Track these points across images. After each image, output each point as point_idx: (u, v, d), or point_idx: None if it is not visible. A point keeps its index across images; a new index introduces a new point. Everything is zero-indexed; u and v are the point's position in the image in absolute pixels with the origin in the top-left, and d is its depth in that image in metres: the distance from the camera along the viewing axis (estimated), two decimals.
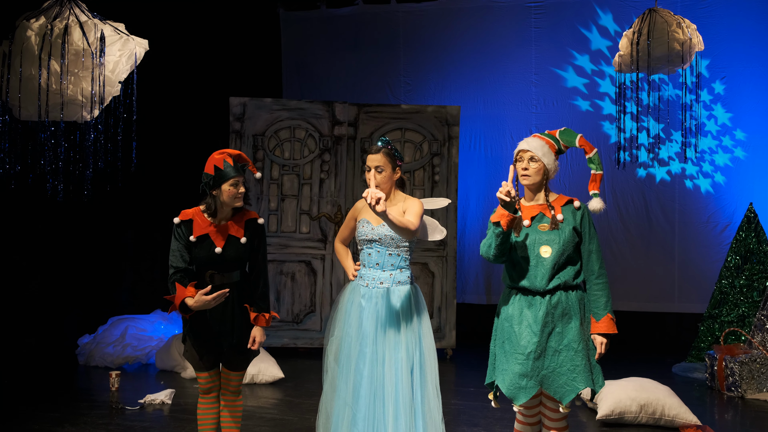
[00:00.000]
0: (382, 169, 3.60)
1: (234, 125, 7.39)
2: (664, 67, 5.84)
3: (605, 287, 3.29)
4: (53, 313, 7.49)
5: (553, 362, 3.23)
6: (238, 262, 3.63)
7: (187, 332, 3.63)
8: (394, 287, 3.62)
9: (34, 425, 4.81)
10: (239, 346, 3.65)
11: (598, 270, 3.30)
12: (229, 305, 3.60)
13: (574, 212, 3.31)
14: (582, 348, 3.22)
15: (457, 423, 5.06)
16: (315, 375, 3.85)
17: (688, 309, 8.13)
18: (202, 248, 3.56)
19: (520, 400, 3.26)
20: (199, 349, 3.62)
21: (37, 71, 4.63)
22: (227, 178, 3.52)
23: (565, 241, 3.25)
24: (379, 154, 3.62)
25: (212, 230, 3.58)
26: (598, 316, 3.25)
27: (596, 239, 3.33)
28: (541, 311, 3.24)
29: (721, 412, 5.67)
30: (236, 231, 3.61)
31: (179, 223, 3.59)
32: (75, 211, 7.21)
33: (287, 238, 7.39)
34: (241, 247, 3.61)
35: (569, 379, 3.20)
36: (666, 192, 8.30)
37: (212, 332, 3.60)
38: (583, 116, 8.49)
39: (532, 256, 3.27)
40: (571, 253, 3.28)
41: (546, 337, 3.23)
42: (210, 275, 3.58)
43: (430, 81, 8.81)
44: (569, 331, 3.23)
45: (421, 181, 7.46)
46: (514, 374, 3.26)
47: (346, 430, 3.57)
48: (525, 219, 3.32)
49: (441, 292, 7.43)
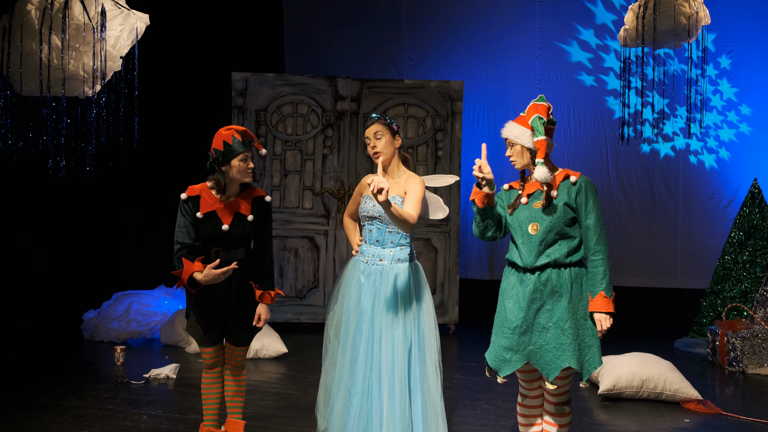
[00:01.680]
0: (381, 135, 3.61)
1: (236, 101, 7.36)
2: (670, 41, 5.78)
3: (601, 264, 3.21)
4: (58, 289, 7.53)
5: (541, 339, 3.23)
6: (243, 240, 3.63)
7: (192, 308, 3.65)
8: (393, 264, 3.62)
9: (41, 398, 4.86)
10: (243, 323, 3.66)
11: (594, 246, 3.23)
12: (233, 282, 3.60)
13: (570, 188, 3.27)
14: (569, 327, 3.19)
15: (459, 397, 5.10)
16: (318, 350, 3.87)
17: (690, 285, 8.14)
18: (209, 225, 3.56)
19: (504, 372, 3.30)
20: (203, 325, 3.64)
21: (38, 46, 4.60)
22: (237, 153, 3.50)
23: (553, 218, 3.23)
24: (375, 124, 3.63)
25: (219, 207, 3.57)
26: (593, 293, 3.22)
27: (594, 214, 3.23)
28: (529, 287, 3.25)
29: (722, 386, 5.70)
30: (244, 208, 3.61)
31: (186, 199, 3.57)
32: (78, 187, 7.21)
33: (290, 214, 7.40)
34: (247, 224, 3.61)
35: (554, 356, 3.20)
36: (670, 168, 8.27)
37: (217, 308, 3.61)
38: (587, 91, 8.43)
39: (523, 232, 3.28)
40: (565, 229, 3.25)
41: (534, 313, 3.24)
42: (215, 252, 3.58)
43: (434, 56, 8.75)
44: (558, 309, 3.22)
45: (424, 157, 7.44)
46: (499, 347, 3.30)
47: (342, 404, 3.61)
48: (523, 196, 3.32)
49: (444, 268, 7.45)
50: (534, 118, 3.24)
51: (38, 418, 4.44)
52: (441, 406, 3.58)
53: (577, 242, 3.28)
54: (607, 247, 3.27)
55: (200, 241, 3.58)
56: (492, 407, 4.85)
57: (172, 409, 4.72)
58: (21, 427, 4.26)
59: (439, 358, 3.61)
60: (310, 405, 4.77)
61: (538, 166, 3.20)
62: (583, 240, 3.28)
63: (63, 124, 5.12)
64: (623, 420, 4.67)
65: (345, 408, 3.60)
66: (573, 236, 3.27)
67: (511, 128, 3.33)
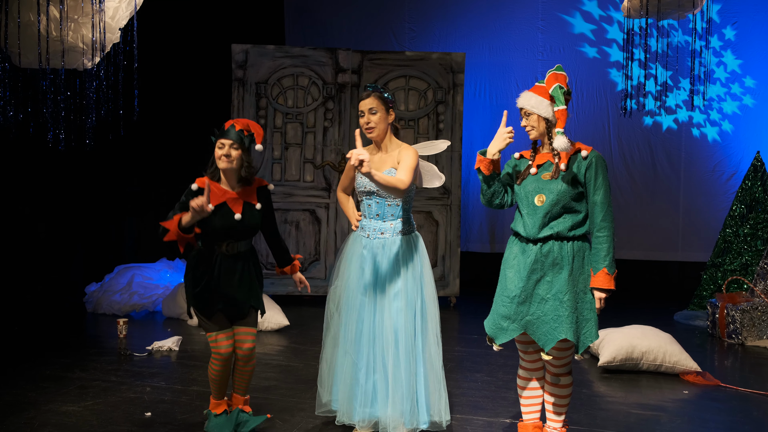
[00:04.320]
0: (376, 111, 3.61)
1: (236, 73, 7.30)
2: (674, 12, 5.71)
3: (606, 240, 3.20)
4: (59, 261, 7.55)
5: (539, 310, 3.24)
6: (253, 229, 3.67)
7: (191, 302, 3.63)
8: (395, 237, 3.64)
9: (46, 370, 4.90)
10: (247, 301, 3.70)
11: (600, 222, 3.22)
12: (237, 274, 3.63)
13: (580, 162, 3.24)
14: (568, 299, 3.20)
15: (459, 370, 5.14)
16: (319, 322, 3.89)
17: (691, 258, 8.16)
18: (221, 216, 3.57)
19: (500, 340, 3.32)
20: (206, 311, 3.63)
21: (36, 17, 4.55)
22: (217, 138, 3.59)
23: (560, 191, 3.22)
24: (370, 98, 3.62)
25: (229, 198, 3.60)
26: (595, 269, 3.22)
27: (603, 190, 3.21)
28: (530, 258, 3.25)
29: (721, 358, 5.74)
30: (252, 198, 3.66)
31: (197, 189, 3.57)
32: (78, 159, 7.19)
33: (291, 187, 7.38)
34: (256, 213, 3.66)
35: (551, 328, 3.21)
36: (672, 140, 8.24)
37: (222, 297, 3.62)
38: (590, 63, 8.36)
39: (529, 203, 3.28)
40: (570, 203, 3.24)
41: (533, 284, 3.25)
42: (227, 245, 3.60)
43: (435, 27, 8.66)
44: (558, 281, 3.22)
45: (426, 129, 7.40)
46: (498, 315, 3.32)
47: (348, 378, 3.64)
48: (533, 167, 3.31)
49: (445, 241, 7.45)
50: (555, 87, 3.22)
51: (43, 390, 4.48)
52: (442, 375, 3.63)
53: (582, 217, 3.27)
54: (613, 224, 3.25)
55: (211, 236, 3.59)
56: (492, 379, 4.88)
57: (174, 381, 4.76)
58: (26, 398, 4.30)
59: (439, 329, 3.65)
60: (311, 377, 4.80)
61: (558, 135, 3.17)
62: (590, 215, 3.26)
63: (62, 97, 5.09)
64: (623, 392, 4.70)
65: (351, 381, 3.63)
66: (579, 210, 3.26)
67: (528, 97, 3.30)
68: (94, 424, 3.93)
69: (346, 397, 3.65)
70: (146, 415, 4.07)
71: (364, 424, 3.63)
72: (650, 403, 4.47)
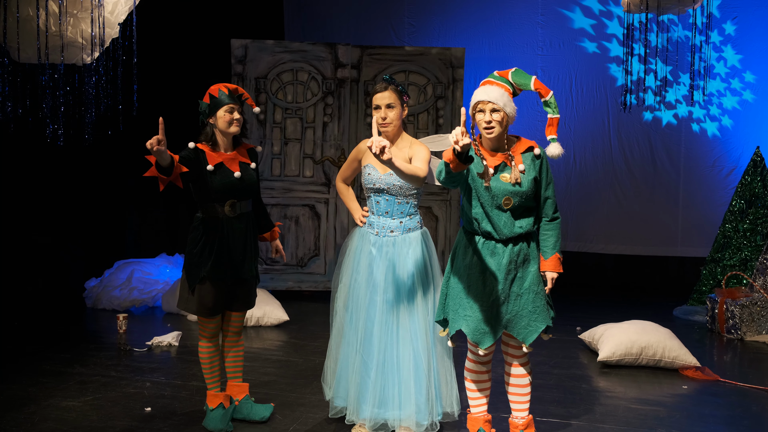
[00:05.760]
0: (393, 106, 3.53)
1: (236, 68, 7.29)
2: (675, 6, 5.70)
3: (557, 228, 3.34)
4: (59, 257, 7.55)
5: (516, 306, 3.31)
6: (252, 189, 3.72)
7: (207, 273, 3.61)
8: (405, 235, 3.61)
9: (45, 365, 4.90)
10: (251, 280, 3.76)
11: (552, 214, 3.34)
12: (242, 235, 3.67)
13: (534, 161, 3.28)
14: (541, 289, 3.33)
15: (457, 363, 5.13)
16: (319, 318, 3.90)
17: (690, 253, 8.15)
18: (220, 175, 3.61)
19: (485, 344, 3.33)
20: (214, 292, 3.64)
21: (35, 12, 4.54)
22: (222, 104, 3.60)
23: (526, 193, 3.26)
24: (388, 91, 3.52)
25: (225, 159, 3.64)
26: (546, 254, 3.33)
27: (552, 184, 3.34)
28: (504, 259, 3.28)
29: (720, 354, 5.75)
30: (245, 159, 3.72)
31: (195, 147, 3.62)
32: (78, 155, 7.18)
33: (291, 182, 7.38)
34: (252, 172, 3.72)
35: (531, 320, 3.31)
36: (672, 136, 8.23)
37: (232, 263, 3.64)
38: (589, 58, 8.35)
39: (494, 206, 3.25)
40: (531, 202, 3.31)
41: (509, 284, 3.31)
42: (231, 204, 3.63)
43: (435, 22, 8.64)
44: (528, 275, 3.31)
45: (425, 125, 7.40)
46: (478, 320, 3.31)
47: (356, 376, 3.61)
48: (491, 168, 3.25)
49: (444, 236, 7.46)
50: (551, 95, 3.25)
51: (43, 385, 4.49)
52: (452, 367, 3.64)
53: (536, 211, 3.36)
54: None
55: (214, 197, 3.61)
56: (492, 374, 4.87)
57: (174, 376, 4.76)
58: (26, 393, 4.31)
59: None
60: (311, 372, 4.81)
61: (552, 143, 3.25)
62: (541, 209, 3.35)
63: (61, 92, 5.08)
64: (622, 387, 4.71)
65: (359, 380, 3.60)
66: (534, 206, 3.34)
67: (497, 93, 3.19)
68: (94, 419, 3.94)
69: (354, 396, 3.63)
70: (146, 410, 4.08)
71: (371, 423, 3.60)
72: (649, 398, 4.48)
